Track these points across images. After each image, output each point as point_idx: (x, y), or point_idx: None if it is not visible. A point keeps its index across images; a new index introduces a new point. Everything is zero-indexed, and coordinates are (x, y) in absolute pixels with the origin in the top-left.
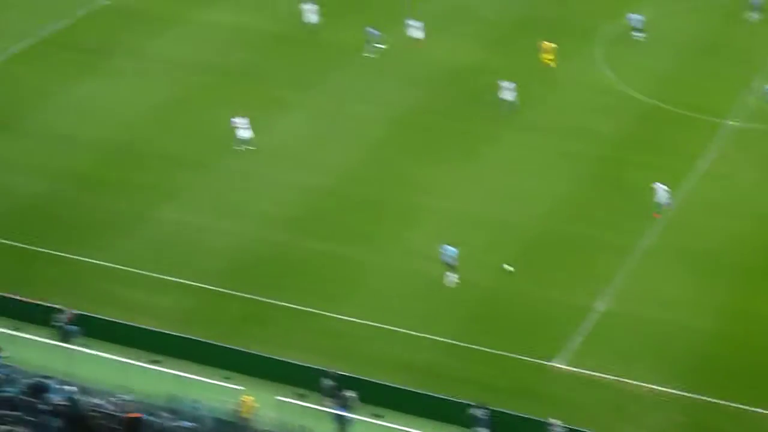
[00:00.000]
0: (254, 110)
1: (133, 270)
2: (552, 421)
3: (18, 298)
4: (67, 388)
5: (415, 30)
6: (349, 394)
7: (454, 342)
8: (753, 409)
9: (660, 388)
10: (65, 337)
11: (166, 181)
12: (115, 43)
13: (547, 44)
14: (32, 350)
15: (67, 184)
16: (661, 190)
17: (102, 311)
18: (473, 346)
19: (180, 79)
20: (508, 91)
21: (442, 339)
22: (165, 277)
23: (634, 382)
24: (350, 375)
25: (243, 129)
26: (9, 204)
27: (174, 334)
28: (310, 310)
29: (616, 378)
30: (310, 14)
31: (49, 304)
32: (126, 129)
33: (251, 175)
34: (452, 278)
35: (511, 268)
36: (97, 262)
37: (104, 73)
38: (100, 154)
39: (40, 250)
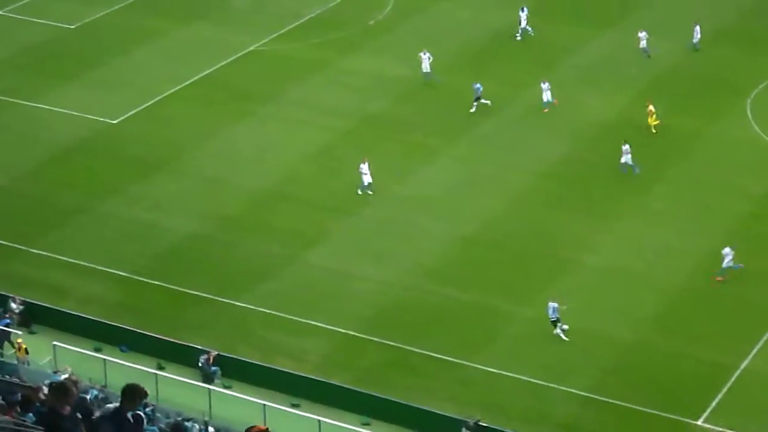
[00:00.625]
0: (396, 157)
1: (276, 313)
2: None
3: (160, 336)
4: (207, 428)
5: (546, 92)
6: None
7: (594, 396)
8: None
9: None
10: (206, 377)
11: (310, 225)
12: (263, 88)
13: (650, 107)
14: (174, 389)
15: (215, 226)
16: (726, 254)
17: (243, 353)
18: (614, 401)
19: (325, 124)
20: (626, 155)
21: (581, 393)
22: (307, 321)
23: None
24: (490, 426)
25: (365, 174)
26: (160, 245)
27: (314, 378)
28: (450, 359)
29: None
30: (425, 63)
31: (192, 345)
32: (273, 173)
33: (394, 222)
34: (562, 329)
35: (565, 306)
36: (241, 304)
37: (253, 117)
38: (246, 197)
39: (187, 291)
